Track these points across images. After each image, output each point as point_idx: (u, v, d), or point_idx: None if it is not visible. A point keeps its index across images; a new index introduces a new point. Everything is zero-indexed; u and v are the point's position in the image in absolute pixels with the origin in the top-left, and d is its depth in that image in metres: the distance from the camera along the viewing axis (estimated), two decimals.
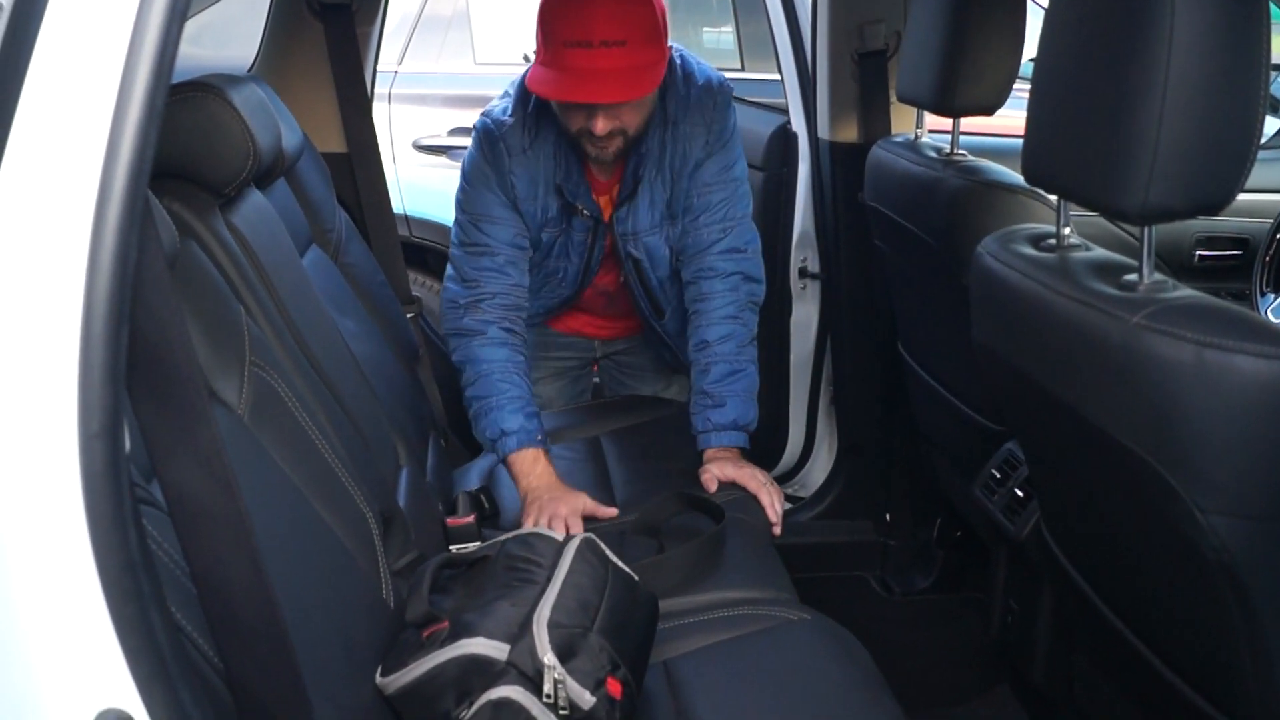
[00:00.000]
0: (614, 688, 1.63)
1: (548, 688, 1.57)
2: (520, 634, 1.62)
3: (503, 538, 1.88)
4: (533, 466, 2.35)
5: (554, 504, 2.28)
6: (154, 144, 0.89)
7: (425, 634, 1.60)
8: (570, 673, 1.59)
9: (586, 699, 1.59)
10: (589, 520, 2.30)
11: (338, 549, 1.65)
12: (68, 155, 0.88)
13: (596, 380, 3.07)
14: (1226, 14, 1.25)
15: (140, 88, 0.88)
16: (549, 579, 1.75)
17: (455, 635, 1.59)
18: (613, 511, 2.33)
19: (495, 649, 1.58)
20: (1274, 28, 2.57)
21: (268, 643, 1.06)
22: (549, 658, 1.59)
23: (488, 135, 2.44)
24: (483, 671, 1.57)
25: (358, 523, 1.74)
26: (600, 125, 2.25)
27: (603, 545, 1.90)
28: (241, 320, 1.68)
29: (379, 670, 1.58)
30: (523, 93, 2.44)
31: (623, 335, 2.89)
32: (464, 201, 2.49)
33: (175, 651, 0.94)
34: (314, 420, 1.75)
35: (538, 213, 2.46)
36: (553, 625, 1.63)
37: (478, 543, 2.24)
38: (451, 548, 2.19)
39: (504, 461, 2.39)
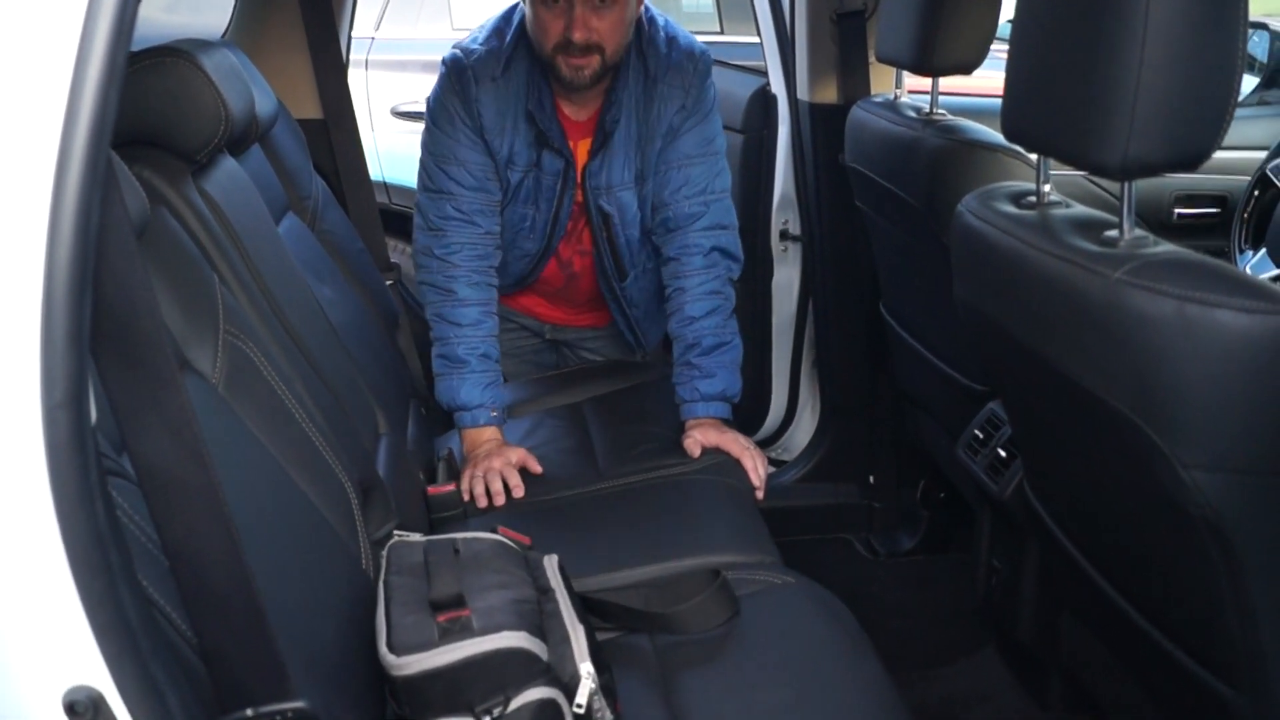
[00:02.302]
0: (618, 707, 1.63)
1: (581, 697, 1.55)
2: (551, 636, 1.59)
3: (465, 535, 1.80)
4: (481, 435, 2.41)
5: (489, 459, 2.33)
6: (115, 105, 0.87)
7: (442, 618, 1.53)
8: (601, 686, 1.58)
9: (609, 716, 1.58)
10: (577, 488, 2.32)
11: (316, 519, 1.64)
12: (25, 117, 0.85)
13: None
14: None
15: (100, 46, 0.85)
16: (548, 588, 1.73)
17: (489, 626, 1.52)
18: (537, 468, 2.36)
19: (538, 647, 1.54)
20: None
21: (242, 615, 1.05)
22: (587, 666, 1.57)
23: (455, 64, 2.41)
24: (523, 668, 1.52)
25: (336, 492, 1.73)
26: (579, 31, 2.24)
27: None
28: (215, 288, 1.67)
29: (387, 647, 1.50)
30: (499, 24, 2.43)
31: (574, 324, 2.87)
32: (429, 143, 2.47)
33: (146, 626, 0.93)
34: (291, 389, 1.74)
35: (505, 147, 2.42)
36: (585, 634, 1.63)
37: (461, 509, 2.25)
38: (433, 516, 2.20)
39: (458, 428, 2.44)
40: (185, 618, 1.06)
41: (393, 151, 4.34)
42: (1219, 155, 2.54)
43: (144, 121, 1.81)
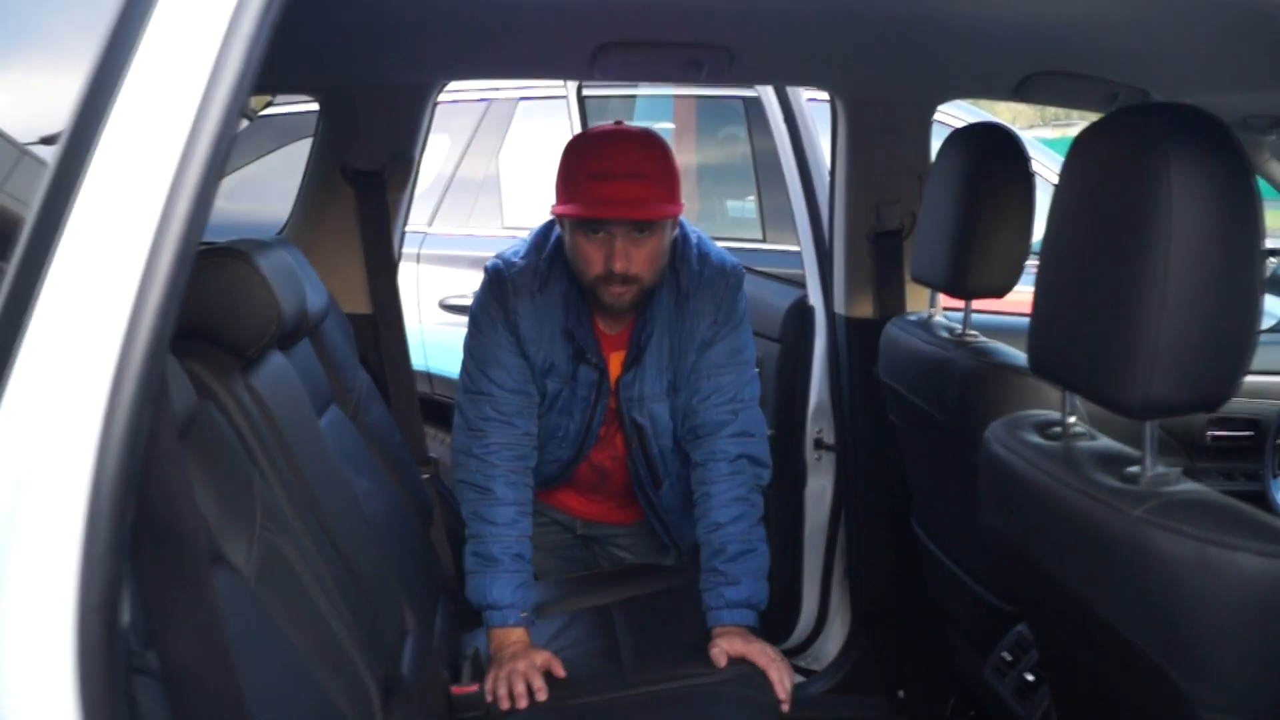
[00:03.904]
0: None
1: None
2: None
3: None
4: (509, 635, 2.41)
5: (514, 660, 2.33)
6: (171, 325, 0.92)
7: None
8: None
9: None
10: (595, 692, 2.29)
11: (336, 717, 1.64)
12: (87, 334, 0.90)
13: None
14: (1223, 213, 1.28)
15: (163, 273, 0.91)
16: None
17: None
18: (561, 672, 2.35)
19: None
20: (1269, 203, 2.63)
21: None
22: None
23: (497, 275, 2.49)
24: None
25: (358, 691, 1.73)
26: (619, 262, 2.30)
27: None
28: (254, 483, 1.70)
29: None
30: (538, 240, 2.52)
31: (606, 520, 2.88)
32: (471, 346, 2.54)
33: None
34: (321, 585, 1.76)
35: (543, 358, 2.48)
36: None
37: (484, 710, 2.24)
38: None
39: (486, 627, 2.44)
40: None
41: (439, 343, 4.42)
42: (1253, 379, 2.58)
43: (198, 317, 1.87)
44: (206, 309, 1.89)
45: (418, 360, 3.55)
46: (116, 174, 0.92)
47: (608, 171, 2.29)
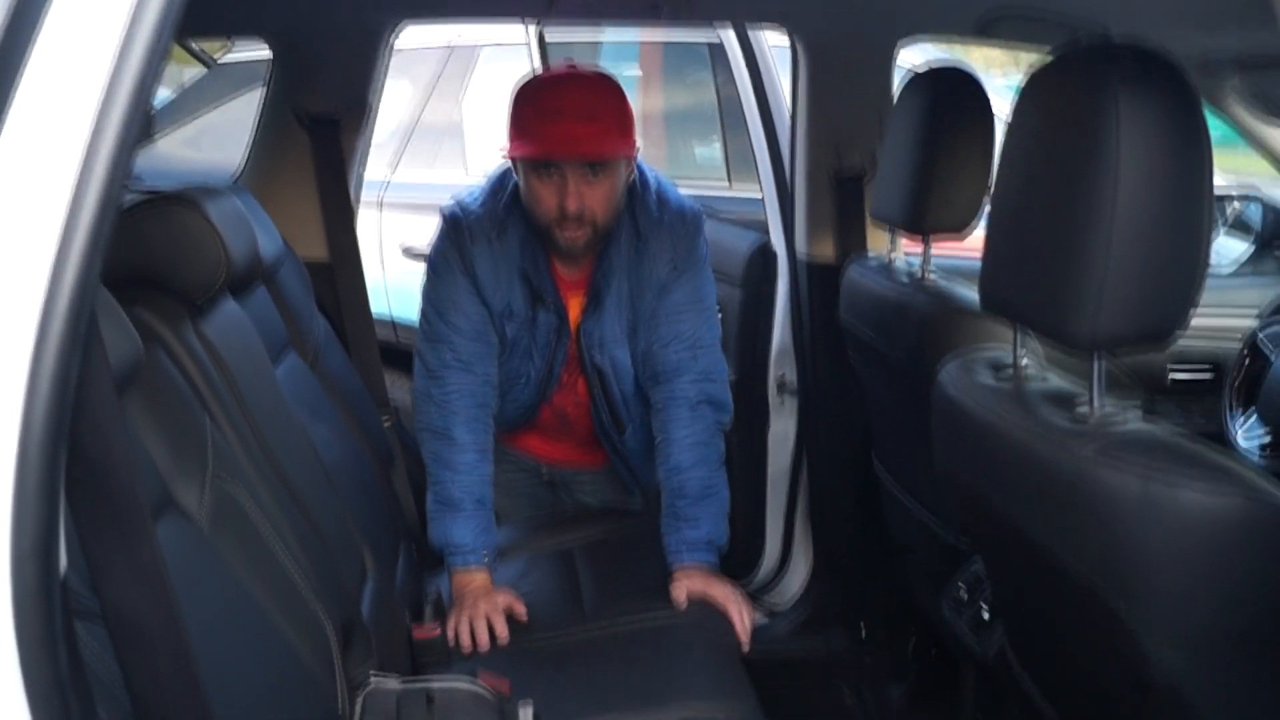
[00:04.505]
0: None
1: None
2: None
3: (442, 685, 1.83)
4: (470, 578, 2.40)
5: (476, 603, 2.33)
6: (98, 271, 0.91)
7: None
8: None
9: None
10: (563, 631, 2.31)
11: (293, 661, 1.64)
12: (11, 277, 0.89)
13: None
14: (1170, 148, 1.28)
15: (88, 215, 0.89)
16: None
17: None
18: (523, 613, 2.36)
19: None
20: (1243, 148, 2.63)
21: None
22: None
23: (454, 220, 2.48)
24: None
25: (316, 635, 1.73)
26: (572, 202, 2.29)
27: None
28: (206, 429, 1.69)
29: None
30: (495, 185, 2.50)
31: (569, 463, 2.89)
32: (429, 292, 2.53)
33: None
34: (276, 530, 1.76)
35: (500, 302, 2.47)
36: None
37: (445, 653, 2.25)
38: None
39: (448, 570, 2.44)
40: None
41: (402, 290, 4.41)
42: (1212, 321, 2.58)
43: (146, 264, 1.86)
44: (154, 256, 1.87)
45: (381, 308, 3.54)
46: (38, 113, 0.90)
47: (558, 111, 2.27)
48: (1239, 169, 3.34)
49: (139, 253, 1.86)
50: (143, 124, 0.92)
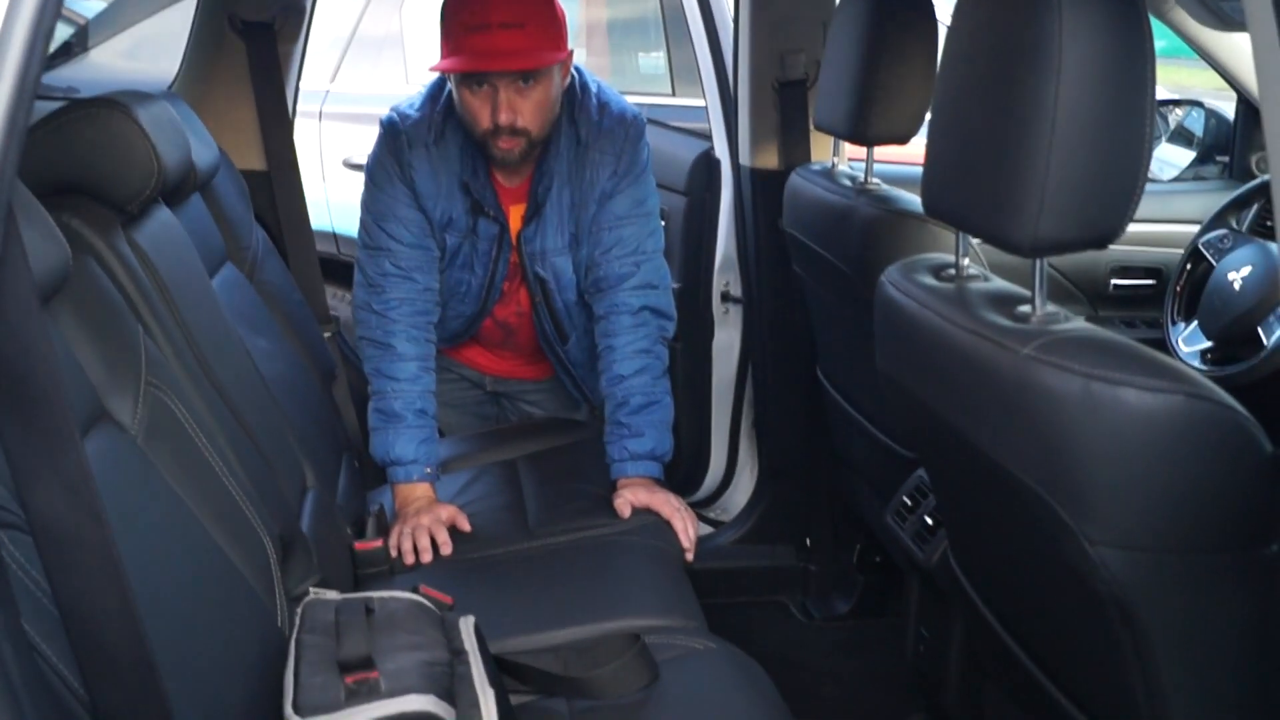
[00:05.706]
0: None
1: None
2: (461, 699, 1.58)
3: (381, 595, 1.80)
4: (413, 491, 2.41)
5: (418, 515, 2.33)
6: (14, 169, 0.87)
7: (350, 680, 1.51)
8: None
9: None
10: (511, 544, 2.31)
11: (231, 575, 1.62)
12: None
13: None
14: (1112, 51, 1.27)
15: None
16: (461, 650, 1.71)
17: (396, 689, 1.50)
18: (466, 526, 2.35)
19: (445, 711, 1.52)
20: (1185, 61, 2.62)
21: (134, 674, 1.04)
22: None
23: (391, 127, 2.44)
24: None
25: (254, 548, 1.71)
26: (504, 114, 2.26)
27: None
28: (139, 339, 1.66)
29: (292, 708, 1.49)
30: (433, 91, 2.46)
31: (513, 375, 2.88)
32: (368, 201, 2.49)
33: (30, 684, 0.92)
34: (212, 442, 1.73)
35: (440, 212, 2.45)
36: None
37: (387, 566, 2.24)
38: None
39: (390, 483, 2.43)
40: (77, 674, 1.05)
41: (343, 202, 4.34)
42: (1155, 228, 2.58)
43: (75, 171, 1.81)
44: (84, 163, 1.83)
45: (322, 220, 3.49)
46: None
47: (484, 22, 2.22)
48: (1182, 84, 3.33)
49: (67, 159, 1.81)
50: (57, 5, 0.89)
